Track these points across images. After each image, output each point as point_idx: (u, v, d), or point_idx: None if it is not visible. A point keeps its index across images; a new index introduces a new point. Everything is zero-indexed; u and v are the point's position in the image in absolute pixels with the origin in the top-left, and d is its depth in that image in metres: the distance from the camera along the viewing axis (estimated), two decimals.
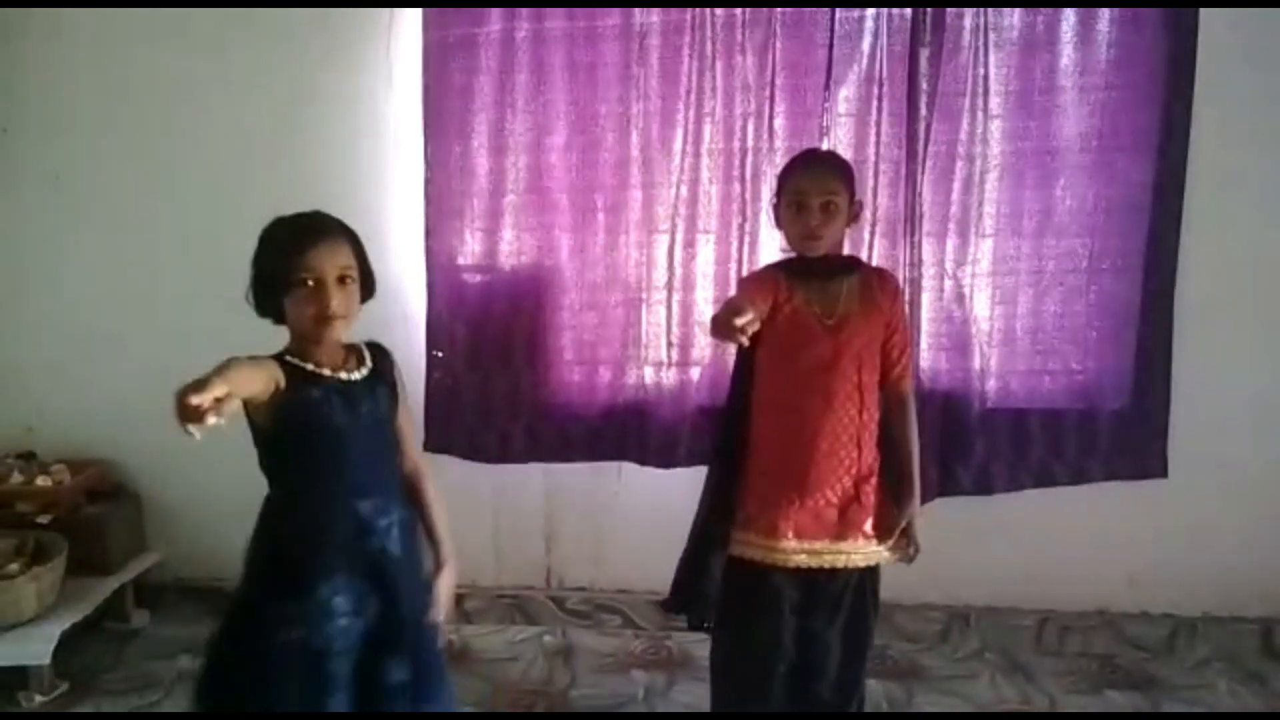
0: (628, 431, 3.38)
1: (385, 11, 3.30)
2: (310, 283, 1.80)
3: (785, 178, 2.39)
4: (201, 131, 3.44)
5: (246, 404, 1.75)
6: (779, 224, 2.41)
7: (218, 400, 1.55)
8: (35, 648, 2.95)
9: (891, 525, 2.38)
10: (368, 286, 1.91)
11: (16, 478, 3.40)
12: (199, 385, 1.55)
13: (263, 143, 3.42)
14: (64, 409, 3.63)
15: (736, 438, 2.41)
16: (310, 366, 1.86)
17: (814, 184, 2.27)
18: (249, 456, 3.64)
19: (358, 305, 1.88)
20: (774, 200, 2.42)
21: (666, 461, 3.35)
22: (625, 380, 3.37)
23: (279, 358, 1.85)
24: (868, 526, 2.36)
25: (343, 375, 1.90)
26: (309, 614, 1.83)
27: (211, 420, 1.54)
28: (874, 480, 2.36)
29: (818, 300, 2.30)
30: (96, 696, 3.04)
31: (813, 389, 2.28)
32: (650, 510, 3.45)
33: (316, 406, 1.85)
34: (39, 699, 2.98)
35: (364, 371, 1.94)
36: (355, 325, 1.91)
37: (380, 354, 2.01)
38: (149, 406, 3.53)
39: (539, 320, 3.37)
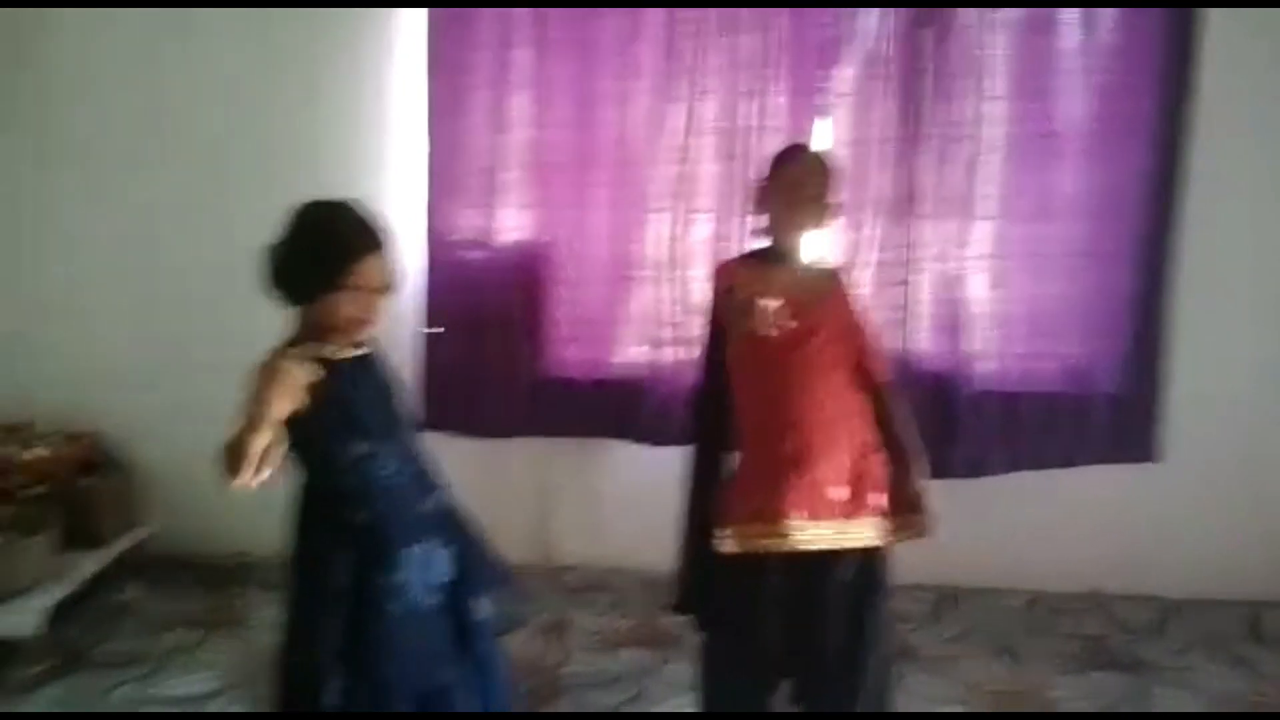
0: (623, 408, 3.39)
1: None
2: (361, 287, 1.83)
3: (780, 166, 2.36)
4: (200, 108, 3.42)
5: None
6: (761, 209, 2.38)
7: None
8: (27, 620, 2.95)
9: (906, 495, 2.27)
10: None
11: (9, 450, 3.38)
12: (238, 457, 1.62)
13: (261, 119, 3.41)
14: (57, 382, 3.61)
15: (723, 430, 2.32)
16: (328, 353, 1.88)
17: (811, 177, 2.30)
18: None
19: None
20: (761, 183, 2.38)
21: (661, 439, 3.36)
22: (621, 357, 3.38)
23: (295, 345, 1.87)
24: (877, 503, 2.25)
25: (351, 353, 1.93)
26: (404, 582, 1.90)
27: (263, 477, 1.62)
28: (879, 455, 2.27)
29: (784, 281, 2.26)
30: (88, 669, 3.04)
31: (795, 364, 2.23)
32: (644, 488, 3.46)
33: (345, 387, 1.88)
34: (31, 671, 2.97)
35: (364, 348, 1.98)
36: None
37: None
38: (142, 380, 3.58)
39: (536, 297, 3.37)
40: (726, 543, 2.22)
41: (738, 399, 2.29)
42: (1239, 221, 3.25)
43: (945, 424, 3.27)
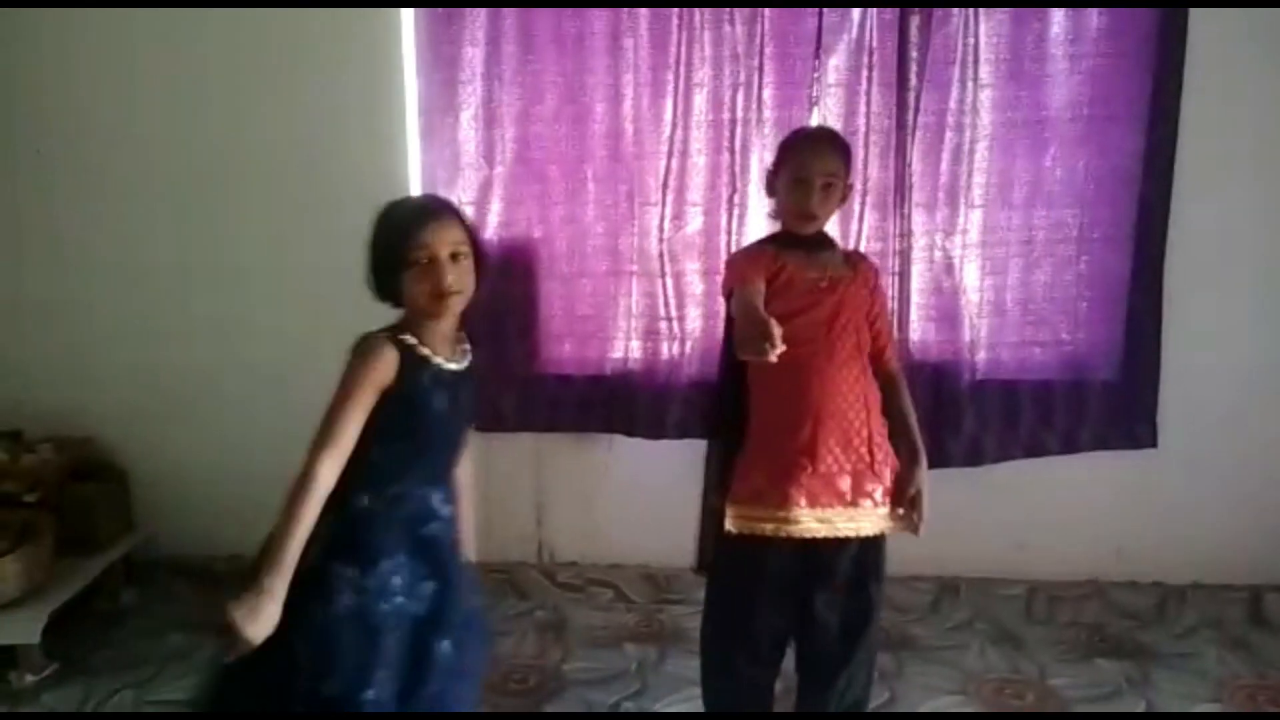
0: (617, 403, 3.38)
1: None
2: (426, 260, 1.80)
3: (787, 151, 2.34)
4: (191, 110, 3.39)
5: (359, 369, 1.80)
6: (771, 193, 2.38)
7: None
8: (24, 627, 2.93)
9: (907, 492, 2.30)
10: (482, 265, 1.92)
11: (2, 457, 3.36)
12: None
13: (253, 121, 3.38)
14: (50, 387, 3.59)
15: (736, 410, 2.35)
16: (425, 351, 1.86)
17: (818, 162, 2.25)
18: (237, 433, 3.63)
19: (472, 282, 1.88)
20: (769, 170, 2.38)
21: (656, 433, 3.35)
22: (615, 352, 3.37)
23: (394, 335, 1.85)
24: (879, 493, 2.28)
25: (451, 366, 1.92)
26: (368, 586, 1.84)
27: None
28: (885, 446, 2.30)
29: (808, 265, 2.28)
30: (87, 676, 3.03)
31: (814, 348, 2.22)
32: (641, 483, 3.46)
33: (425, 394, 1.86)
34: (29, 678, 2.96)
35: (465, 363, 1.97)
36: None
37: (475, 347, 2.04)
38: (136, 384, 3.57)
39: (529, 292, 3.36)
40: (731, 522, 2.27)
41: (753, 382, 2.31)
42: (1234, 203, 3.23)
43: (942, 413, 3.26)
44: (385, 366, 1.80)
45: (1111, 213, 3.22)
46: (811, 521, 2.22)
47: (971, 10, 3.11)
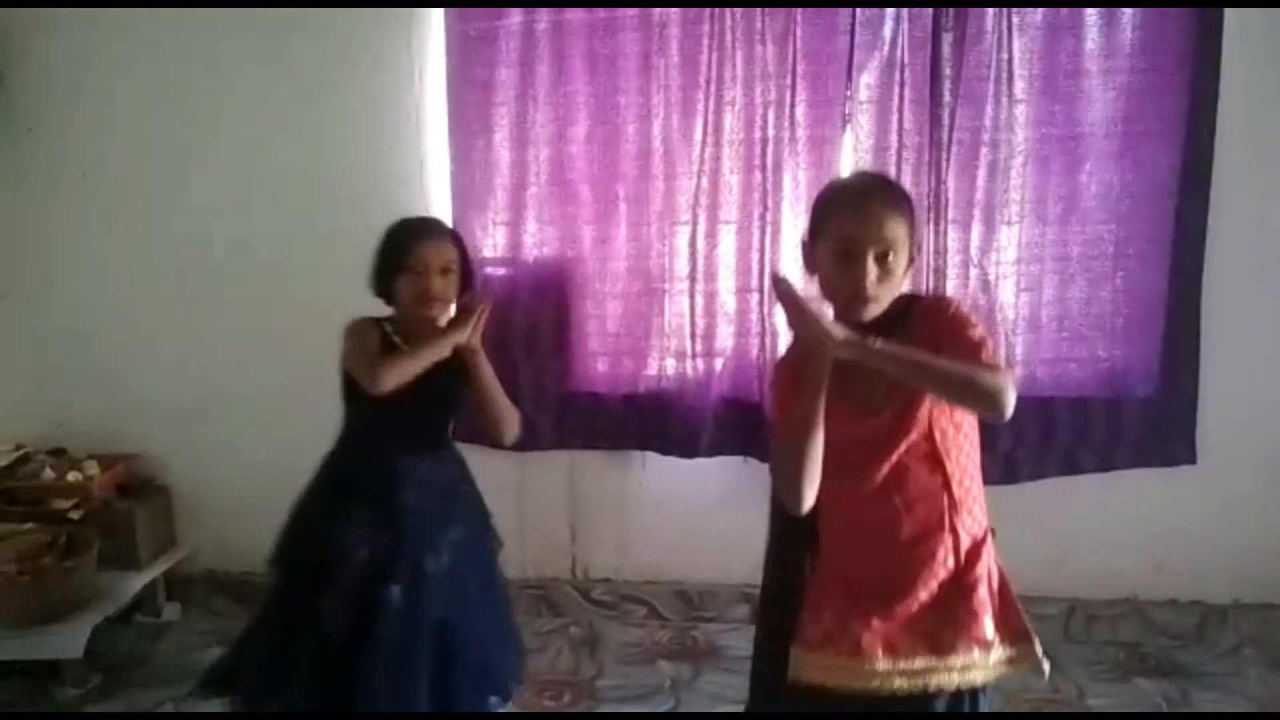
0: (651, 421, 3.39)
1: (407, 8, 3.31)
2: (420, 269, 2.17)
3: (826, 213, 1.78)
4: (227, 131, 3.46)
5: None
6: (810, 268, 1.82)
7: None
8: (68, 641, 2.98)
9: (1014, 619, 1.81)
10: (467, 280, 2.29)
11: (48, 474, 3.43)
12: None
13: (287, 142, 3.45)
14: (93, 405, 3.67)
15: (798, 543, 1.89)
16: (396, 339, 2.24)
17: (869, 229, 1.69)
18: (277, 450, 3.67)
19: (455, 293, 2.25)
20: (804, 238, 1.84)
21: (690, 451, 3.35)
22: (648, 370, 3.39)
23: (378, 321, 2.26)
24: (984, 629, 1.76)
25: None
26: (336, 527, 2.24)
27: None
28: (980, 567, 1.78)
29: (856, 376, 1.70)
30: (129, 689, 3.08)
31: (878, 475, 1.73)
32: (674, 501, 3.46)
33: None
34: (72, 692, 3.01)
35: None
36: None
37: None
38: (178, 401, 3.62)
39: (563, 311, 3.38)
40: (810, 670, 1.77)
41: (817, 509, 1.79)
42: (1271, 217, 3.19)
43: (978, 431, 3.23)
44: (372, 340, 2.21)
45: (1148, 228, 3.19)
46: (895, 677, 1.73)
47: (1005, 26, 3.09)
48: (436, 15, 3.30)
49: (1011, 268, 3.24)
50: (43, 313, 3.65)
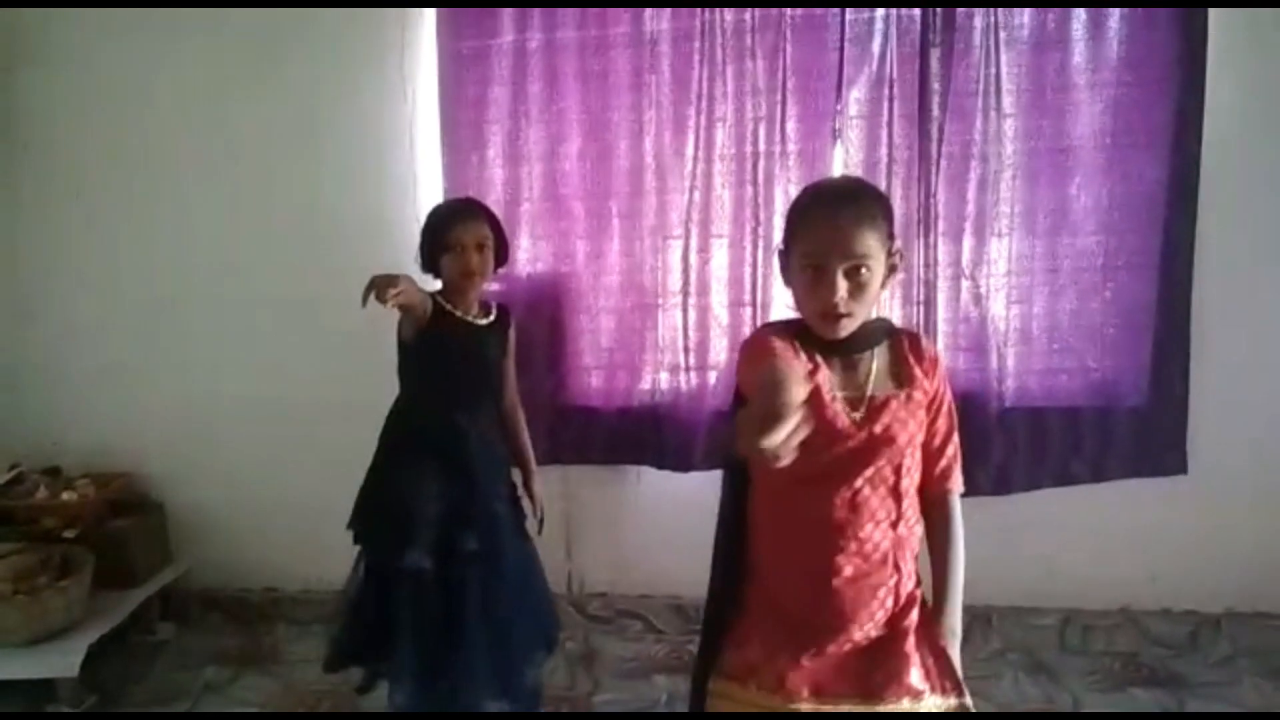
0: (645, 435, 3.40)
1: (398, 26, 3.34)
2: (459, 248, 2.47)
3: (795, 223, 1.68)
4: (220, 151, 3.48)
5: (401, 320, 2.46)
6: (786, 279, 1.73)
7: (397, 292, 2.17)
8: (63, 660, 2.98)
9: (951, 670, 1.73)
10: (501, 254, 2.60)
11: (42, 493, 3.43)
12: (391, 280, 2.17)
13: (281, 161, 3.48)
14: (88, 424, 3.67)
15: (733, 562, 1.81)
16: (449, 307, 2.52)
17: (837, 242, 1.58)
18: (271, 468, 3.69)
19: (491, 266, 2.56)
20: (781, 247, 1.73)
21: (684, 465, 3.37)
22: (642, 384, 3.40)
23: (433, 295, 2.49)
24: (913, 677, 1.68)
25: (470, 319, 2.56)
26: (408, 482, 2.49)
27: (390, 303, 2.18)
28: (916, 611, 1.73)
29: (842, 382, 1.67)
30: (125, 708, 3.07)
31: (834, 499, 1.64)
32: (669, 514, 3.47)
33: (448, 336, 2.49)
34: (67, 711, 3.01)
35: (488, 320, 2.62)
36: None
37: (504, 313, 2.70)
38: (172, 419, 3.63)
39: (557, 326, 3.40)
40: (729, 701, 1.72)
41: (757, 518, 1.76)
42: (1259, 228, 3.22)
43: (970, 442, 3.22)
44: (425, 311, 2.43)
45: (1137, 239, 3.22)
46: (810, 713, 1.65)
47: (993, 40, 3.12)
48: (429, 34, 3.33)
49: (1002, 280, 3.26)
50: (36, 330, 3.66)
